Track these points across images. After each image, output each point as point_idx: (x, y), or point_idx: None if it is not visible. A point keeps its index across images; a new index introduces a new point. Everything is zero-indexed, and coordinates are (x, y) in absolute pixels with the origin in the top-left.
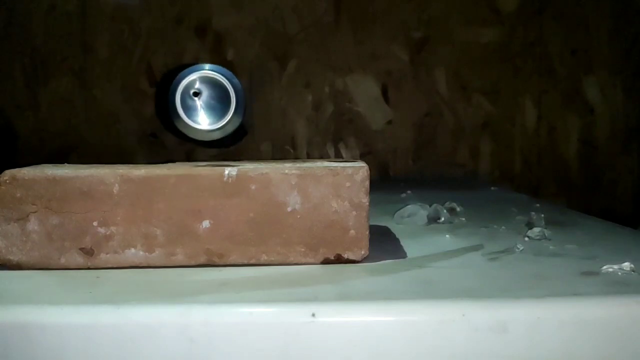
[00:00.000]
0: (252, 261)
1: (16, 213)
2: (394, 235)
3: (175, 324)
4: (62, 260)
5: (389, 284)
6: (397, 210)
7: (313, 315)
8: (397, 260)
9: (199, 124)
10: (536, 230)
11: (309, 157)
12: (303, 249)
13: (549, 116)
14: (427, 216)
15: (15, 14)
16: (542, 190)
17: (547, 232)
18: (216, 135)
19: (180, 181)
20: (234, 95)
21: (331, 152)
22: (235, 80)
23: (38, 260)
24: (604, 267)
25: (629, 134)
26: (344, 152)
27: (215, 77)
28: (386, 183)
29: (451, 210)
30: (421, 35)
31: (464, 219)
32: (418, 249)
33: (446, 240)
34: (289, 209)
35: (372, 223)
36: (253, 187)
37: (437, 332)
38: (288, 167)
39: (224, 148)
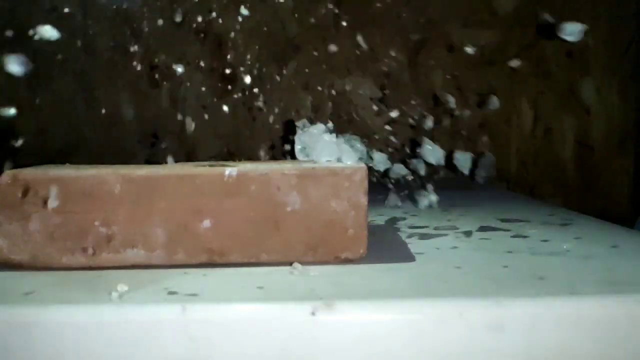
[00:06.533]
0: (252, 260)
1: (18, 213)
2: (393, 235)
3: (175, 322)
4: (64, 260)
5: (387, 282)
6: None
7: (313, 313)
8: (395, 259)
9: None
10: (532, 230)
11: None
12: (302, 248)
13: (545, 117)
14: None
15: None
16: (539, 191)
17: (543, 232)
18: None
19: (181, 181)
20: None
21: None
22: None
23: (40, 259)
24: None
25: (624, 135)
26: None
27: None
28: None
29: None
30: (419, 38)
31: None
32: (417, 249)
33: (445, 240)
34: (288, 209)
35: (370, 222)
36: (253, 187)
37: (435, 331)
38: (287, 168)
39: None
